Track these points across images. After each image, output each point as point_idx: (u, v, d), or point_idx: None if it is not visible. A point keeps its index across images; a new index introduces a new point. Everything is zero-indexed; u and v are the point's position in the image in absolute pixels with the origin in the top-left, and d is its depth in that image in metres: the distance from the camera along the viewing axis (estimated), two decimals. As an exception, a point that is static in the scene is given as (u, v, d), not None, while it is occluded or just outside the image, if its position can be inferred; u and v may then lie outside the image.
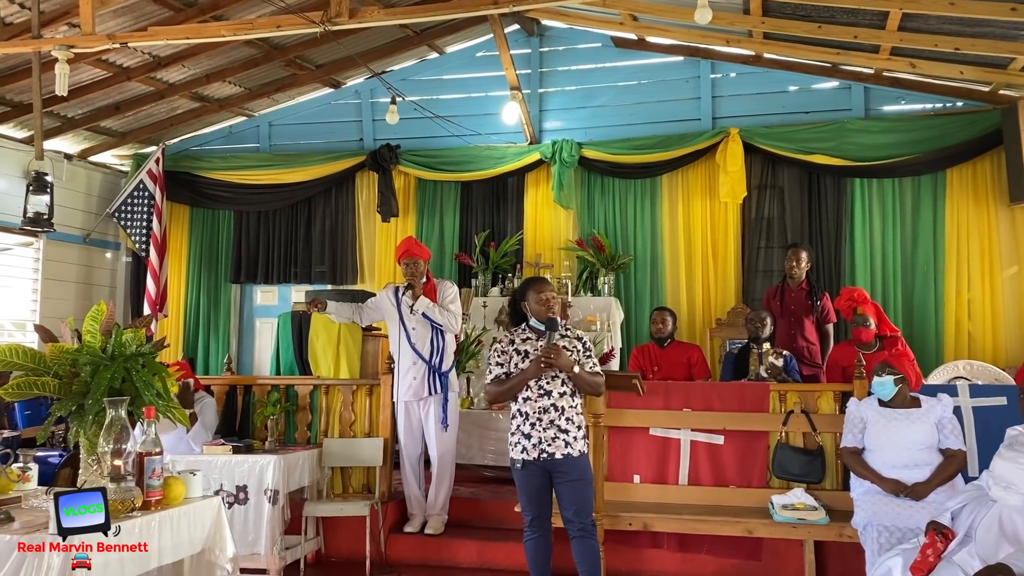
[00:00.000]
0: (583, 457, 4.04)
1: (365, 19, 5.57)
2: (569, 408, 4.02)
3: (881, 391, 4.36)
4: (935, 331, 7.12)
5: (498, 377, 4.07)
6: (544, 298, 4.07)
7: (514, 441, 4.05)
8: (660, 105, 8.08)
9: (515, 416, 4.07)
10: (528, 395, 4.02)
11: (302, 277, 8.72)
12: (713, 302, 7.69)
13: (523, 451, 3.99)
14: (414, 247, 5.62)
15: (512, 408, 4.10)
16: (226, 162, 8.88)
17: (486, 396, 4.17)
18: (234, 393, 6.09)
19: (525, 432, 4.00)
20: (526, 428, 4.01)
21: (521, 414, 4.04)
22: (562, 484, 4.00)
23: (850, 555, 4.57)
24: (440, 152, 8.40)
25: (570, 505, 4.00)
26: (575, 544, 4.04)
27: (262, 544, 4.96)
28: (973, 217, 7.15)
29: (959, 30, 5.97)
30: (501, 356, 4.10)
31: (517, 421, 4.05)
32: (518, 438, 4.03)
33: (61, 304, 8.17)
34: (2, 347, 2.99)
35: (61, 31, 6.42)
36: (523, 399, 4.03)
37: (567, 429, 3.98)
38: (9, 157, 7.75)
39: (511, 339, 4.13)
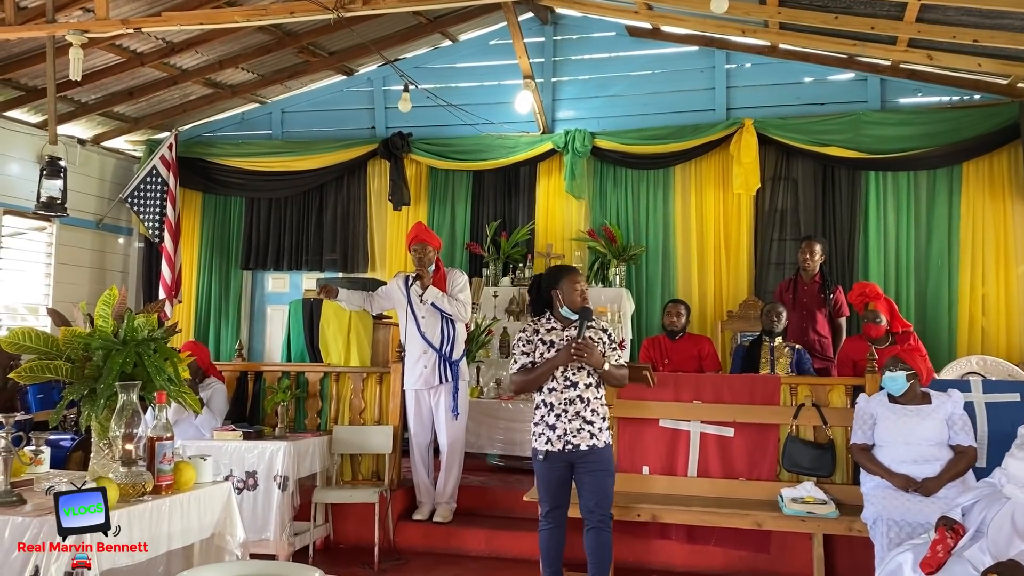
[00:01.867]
0: (608, 448, 4.03)
1: (378, 6, 5.55)
2: (595, 400, 4.01)
3: (892, 386, 4.33)
4: (948, 326, 7.07)
5: (524, 367, 4.04)
6: (580, 288, 4.04)
7: (538, 432, 4.02)
8: (674, 95, 8.03)
9: (539, 407, 4.04)
10: (554, 386, 3.99)
11: (313, 265, 8.74)
12: (725, 294, 7.65)
13: (547, 442, 3.96)
14: (423, 233, 5.62)
15: (536, 399, 4.07)
16: (238, 149, 8.88)
17: (511, 386, 4.11)
18: (245, 379, 6.11)
19: (550, 423, 3.98)
20: (551, 419, 3.98)
21: (546, 404, 4.01)
22: (585, 475, 3.97)
23: (859, 550, 4.55)
24: (452, 141, 8.38)
25: (592, 496, 3.98)
26: (591, 535, 4.02)
27: (271, 530, 4.98)
28: (989, 211, 7.09)
29: (978, 22, 5.89)
30: (526, 345, 4.06)
31: (541, 411, 4.02)
32: (542, 428, 4.00)
33: (74, 289, 8.21)
34: (15, 331, 3.00)
35: (75, 16, 6.43)
36: (548, 389, 4.00)
37: (592, 420, 3.97)
38: (23, 142, 7.78)
39: (535, 328, 4.09)
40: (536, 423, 4.06)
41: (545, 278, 4.18)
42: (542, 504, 4.07)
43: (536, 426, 4.05)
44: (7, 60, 7.06)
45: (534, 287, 4.23)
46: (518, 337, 4.13)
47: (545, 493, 4.04)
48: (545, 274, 4.25)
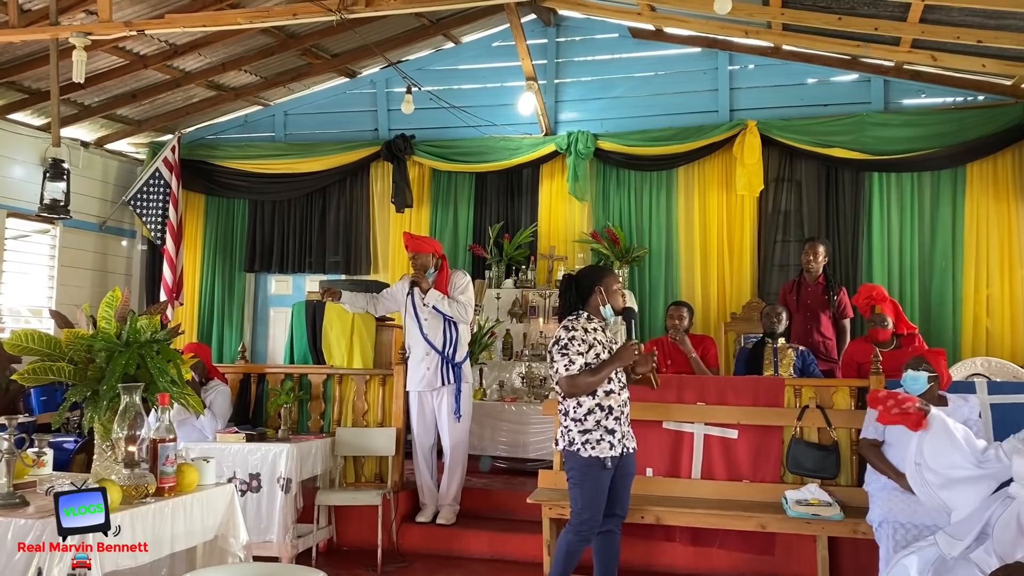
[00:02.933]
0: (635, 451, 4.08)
1: (381, 7, 5.55)
2: (629, 402, 4.06)
3: (913, 386, 4.28)
4: (953, 327, 7.05)
5: (588, 366, 3.87)
6: (620, 289, 4.06)
7: (595, 438, 3.85)
8: (677, 97, 8.02)
9: (592, 411, 3.89)
10: (612, 388, 3.93)
11: (316, 267, 8.73)
12: (728, 296, 7.64)
13: (610, 447, 3.86)
14: (410, 241, 5.71)
15: (587, 403, 3.90)
16: (241, 151, 8.89)
17: (571, 387, 3.85)
18: (248, 381, 6.10)
19: (609, 427, 3.88)
20: (609, 423, 3.88)
21: (603, 408, 3.89)
22: (621, 479, 3.95)
23: (864, 552, 4.54)
24: (455, 143, 8.37)
25: (621, 499, 4.00)
26: (604, 538, 4.01)
27: (275, 532, 4.98)
28: (993, 212, 7.07)
29: (982, 22, 5.88)
30: (581, 345, 3.89)
31: (596, 416, 3.88)
32: (600, 434, 3.86)
33: (77, 291, 8.22)
34: (18, 332, 3.00)
35: (79, 18, 6.43)
36: (606, 392, 3.91)
37: (630, 423, 4.02)
38: (26, 144, 7.79)
39: (584, 327, 3.96)
40: (591, 429, 3.86)
41: (586, 276, 4.10)
42: (596, 515, 3.88)
43: (592, 432, 3.86)
44: (11, 63, 7.07)
45: (569, 286, 4.10)
46: (570, 337, 3.90)
47: (599, 502, 3.87)
48: (584, 272, 4.17)
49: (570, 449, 3.89)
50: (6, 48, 6.74)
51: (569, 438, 3.91)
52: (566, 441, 3.92)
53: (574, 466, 3.90)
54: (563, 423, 3.97)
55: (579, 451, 3.86)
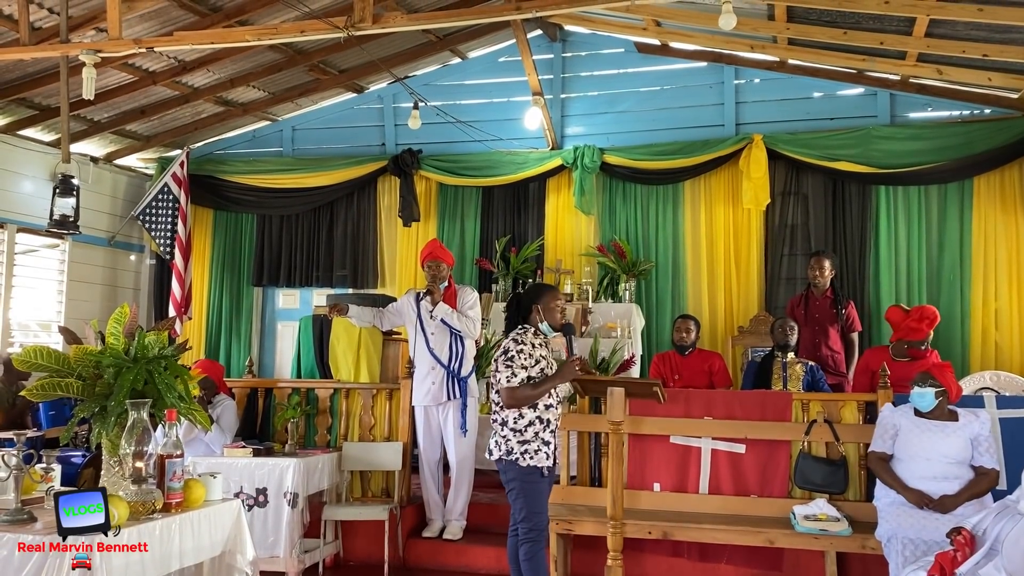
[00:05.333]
0: None
1: (388, 24, 5.58)
2: None
3: (920, 402, 4.26)
4: (961, 341, 7.02)
5: (532, 380, 3.99)
6: (560, 305, 4.18)
7: (534, 448, 4.00)
8: (683, 111, 8.04)
9: (533, 423, 4.02)
10: (552, 402, 4.09)
11: (324, 281, 8.76)
12: (735, 310, 7.63)
13: (547, 457, 4.03)
14: (438, 250, 5.69)
15: (529, 415, 4.02)
16: (249, 166, 8.94)
17: (511, 399, 3.97)
18: (255, 396, 6.12)
19: (546, 439, 4.04)
20: (546, 435, 4.05)
21: (542, 421, 4.04)
22: None
23: (873, 567, 4.51)
24: (462, 157, 8.41)
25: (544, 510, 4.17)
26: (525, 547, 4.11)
27: (281, 547, 4.98)
28: (1000, 225, 7.05)
29: (987, 36, 5.89)
30: (527, 359, 4.01)
31: (536, 428, 4.02)
32: (538, 445, 4.01)
33: (86, 306, 8.25)
34: (27, 348, 3.01)
35: (89, 36, 6.49)
36: (546, 406, 4.06)
37: None
38: (36, 160, 7.85)
39: (531, 343, 4.08)
40: (530, 440, 3.99)
41: (526, 294, 4.27)
42: (541, 519, 4.09)
43: (531, 443, 4.00)
44: (22, 79, 7.14)
45: (510, 303, 4.30)
46: (518, 350, 4.02)
47: (543, 506, 4.10)
48: (527, 290, 4.34)
49: (508, 459, 4.01)
50: (17, 65, 6.81)
51: (507, 447, 4.01)
52: (503, 451, 4.03)
53: (514, 476, 4.02)
54: (500, 432, 4.07)
55: (518, 460, 3.98)
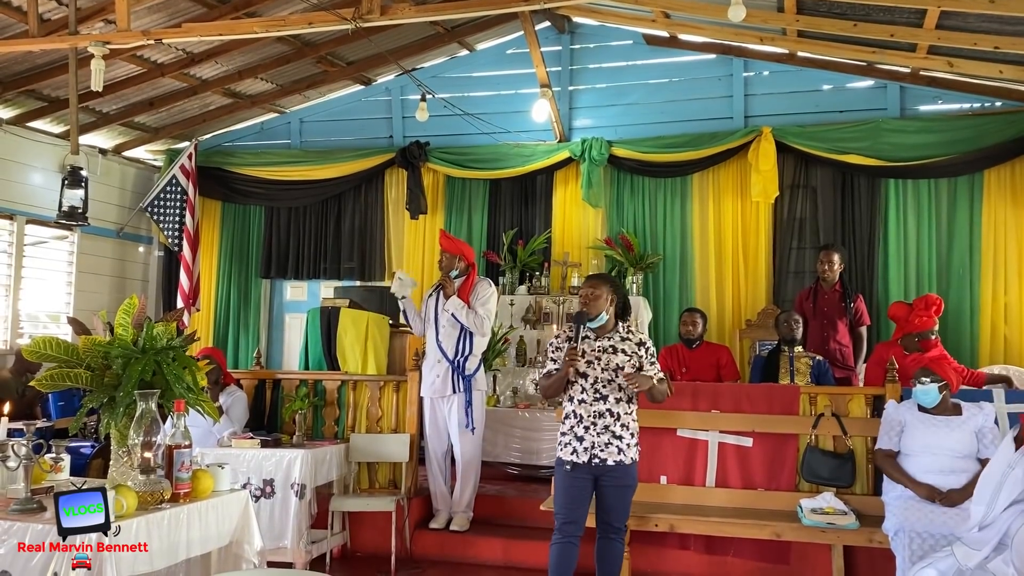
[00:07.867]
0: (634, 465, 3.99)
1: (396, 16, 5.57)
2: (625, 415, 3.96)
3: (925, 398, 4.26)
4: (970, 335, 6.98)
5: (549, 372, 4.05)
6: (580, 293, 4.12)
7: (564, 441, 3.97)
8: (692, 103, 8.00)
9: (568, 416, 4.00)
10: (583, 397, 3.96)
11: (331, 273, 8.77)
12: (743, 303, 7.60)
13: (573, 452, 3.92)
14: (443, 240, 5.82)
15: (566, 408, 4.02)
16: (257, 158, 8.94)
17: (540, 389, 4.13)
18: (263, 387, 6.14)
19: (578, 434, 3.93)
20: (579, 431, 3.93)
21: (575, 415, 3.96)
22: (608, 488, 3.94)
23: (880, 561, 4.50)
24: (469, 149, 8.40)
25: (611, 509, 3.98)
26: (604, 544, 4.01)
27: (289, 538, 4.99)
28: (1011, 219, 7.00)
29: (999, 28, 5.84)
30: (556, 352, 4.07)
31: (570, 422, 3.97)
32: (569, 439, 3.95)
33: (94, 297, 8.28)
34: (37, 339, 3.03)
35: (97, 27, 6.51)
36: (578, 401, 3.96)
37: (621, 435, 3.93)
38: (45, 152, 7.88)
39: (566, 335, 4.05)
40: (564, 432, 3.99)
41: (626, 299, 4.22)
42: (558, 515, 3.98)
43: (564, 435, 3.98)
44: (30, 71, 7.16)
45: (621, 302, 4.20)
46: (549, 342, 4.14)
47: (563, 504, 3.96)
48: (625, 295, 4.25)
49: None
50: (26, 57, 6.83)
51: None
52: None
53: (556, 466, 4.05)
54: None
55: (557, 451, 4.02)
